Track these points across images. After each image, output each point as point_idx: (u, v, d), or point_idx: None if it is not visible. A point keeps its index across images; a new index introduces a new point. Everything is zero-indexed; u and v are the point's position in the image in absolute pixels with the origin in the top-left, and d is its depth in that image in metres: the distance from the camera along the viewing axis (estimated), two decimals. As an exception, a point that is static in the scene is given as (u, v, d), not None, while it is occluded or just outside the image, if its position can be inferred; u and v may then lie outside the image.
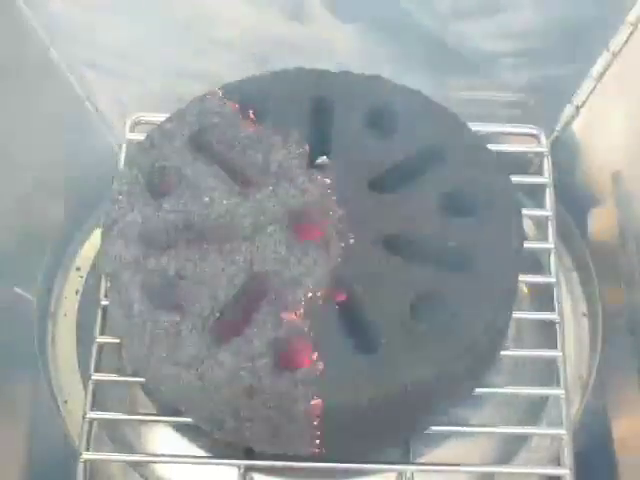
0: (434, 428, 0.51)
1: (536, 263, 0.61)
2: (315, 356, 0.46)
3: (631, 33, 0.60)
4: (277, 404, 0.45)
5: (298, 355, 0.47)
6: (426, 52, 0.65)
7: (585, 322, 0.63)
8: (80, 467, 0.52)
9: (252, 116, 0.54)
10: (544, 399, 0.58)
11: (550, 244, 0.58)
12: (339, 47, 0.65)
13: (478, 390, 0.53)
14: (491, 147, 0.55)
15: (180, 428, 0.56)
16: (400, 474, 0.53)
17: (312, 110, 0.55)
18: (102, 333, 0.55)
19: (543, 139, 0.61)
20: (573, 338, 0.62)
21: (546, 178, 0.60)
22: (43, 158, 0.64)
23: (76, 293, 0.65)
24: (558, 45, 0.62)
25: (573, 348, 0.61)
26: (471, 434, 0.56)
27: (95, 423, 0.53)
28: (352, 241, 0.50)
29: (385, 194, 0.52)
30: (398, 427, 0.49)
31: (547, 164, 0.60)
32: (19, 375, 0.60)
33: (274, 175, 0.52)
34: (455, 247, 0.50)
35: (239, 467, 0.52)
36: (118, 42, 0.64)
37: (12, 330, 0.59)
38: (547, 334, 0.57)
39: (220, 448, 0.53)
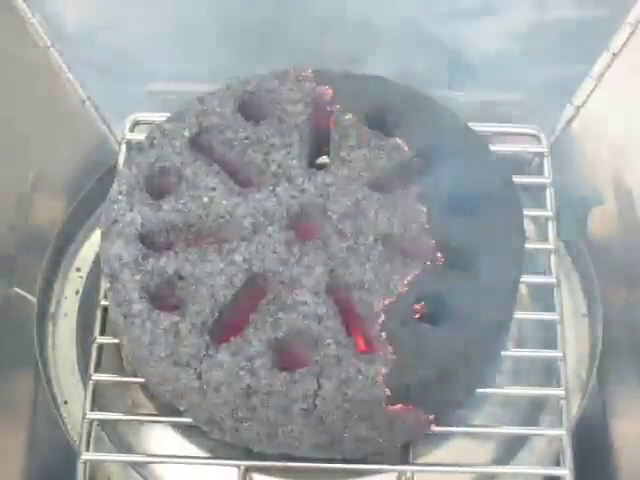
0: (434, 428, 0.51)
1: (536, 263, 0.61)
2: (315, 356, 0.46)
3: (631, 33, 0.60)
4: (275, 404, 0.45)
5: (297, 355, 0.47)
6: (426, 52, 0.65)
7: (585, 322, 0.63)
8: (80, 467, 0.52)
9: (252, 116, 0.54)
10: (544, 399, 0.58)
11: (550, 244, 0.58)
12: (340, 47, 0.65)
13: (479, 390, 0.53)
14: (491, 147, 0.55)
15: (180, 428, 0.56)
16: (400, 474, 0.53)
17: (312, 110, 0.55)
18: (102, 333, 0.55)
19: (543, 139, 0.61)
20: (573, 338, 0.62)
21: (546, 178, 0.60)
22: (43, 158, 0.64)
23: (76, 293, 0.65)
24: (558, 45, 0.62)
25: (573, 348, 0.61)
26: (471, 434, 0.56)
27: (95, 423, 0.53)
28: (352, 241, 0.50)
29: (385, 194, 0.52)
30: (399, 428, 0.49)
31: (547, 164, 0.60)
32: (19, 375, 0.60)
33: (274, 175, 0.52)
34: (456, 247, 0.50)
35: (239, 467, 0.51)
36: (118, 42, 0.64)
37: (12, 330, 0.59)
38: (547, 334, 0.57)
39: (220, 448, 0.53)
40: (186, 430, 0.55)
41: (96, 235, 0.64)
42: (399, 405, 0.46)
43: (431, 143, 0.54)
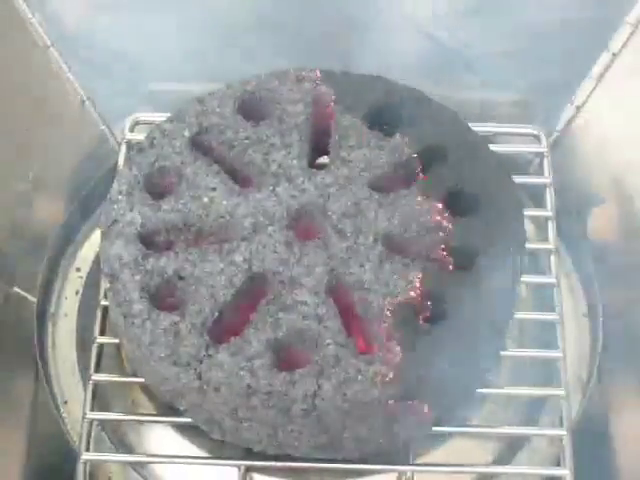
0: (434, 428, 0.51)
1: (536, 263, 0.61)
2: (315, 357, 0.46)
3: (631, 33, 0.60)
4: (275, 404, 0.45)
5: (297, 355, 0.47)
6: (426, 52, 0.65)
7: (585, 322, 0.63)
8: (80, 467, 0.52)
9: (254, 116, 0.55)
10: (544, 399, 0.58)
11: (550, 244, 0.58)
12: (340, 47, 0.65)
13: (479, 390, 0.53)
14: (491, 147, 0.55)
15: (180, 428, 0.56)
16: (400, 474, 0.53)
17: (312, 110, 0.55)
18: (102, 333, 0.55)
19: (543, 139, 0.61)
20: (573, 338, 0.62)
21: (546, 178, 0.60)
22: (43, 158, 0.64)
23: (76, 293, 0.65)
24: (558, 45, 0.62)
25: (573, 348, 0.61)
26: (471, 434, 0.56)
27: (95, 423, 0.53)
28: (352, 241, 0.50)
29: (385, 194, 0.52)
30: (399, 428, 0.49)
31: (547, 164, 0.60)
32: (19, 375, 0.60)
33: (274, 175, 0.52)
34: (457, 247, 0.50)
35: (239, 467, 0.52)
36: (118, 42, 0.64)
37: (12, 330, 0.59)
38: (547, 334, 0.57)
39: (220, 448, 0.53)
40: (186, 430, 0.55)
41: (96, 235, 0.64)
42: (399, 405, 0.46)
43: (431, 143, 0.54)
